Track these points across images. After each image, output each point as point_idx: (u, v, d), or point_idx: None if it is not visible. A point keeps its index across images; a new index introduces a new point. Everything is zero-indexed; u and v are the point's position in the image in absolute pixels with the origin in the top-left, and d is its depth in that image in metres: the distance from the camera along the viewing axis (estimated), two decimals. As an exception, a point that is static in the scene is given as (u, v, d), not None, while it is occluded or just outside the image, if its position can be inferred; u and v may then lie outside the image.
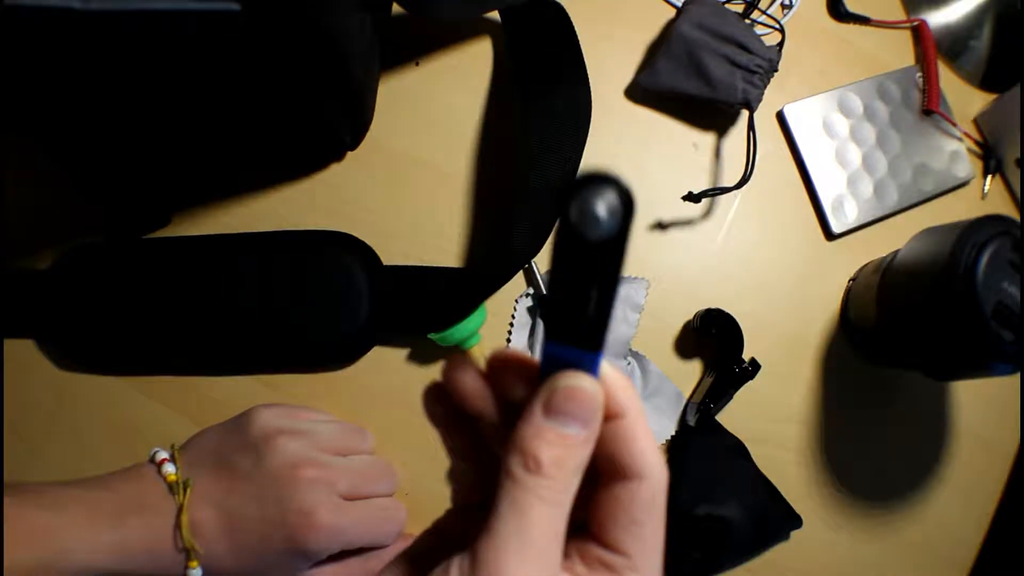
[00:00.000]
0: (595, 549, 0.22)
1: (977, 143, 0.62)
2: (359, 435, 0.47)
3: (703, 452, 0.50)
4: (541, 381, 0.22)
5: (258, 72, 0.37)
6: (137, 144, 0.46)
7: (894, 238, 0.57)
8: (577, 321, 0.20)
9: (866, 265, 0.56)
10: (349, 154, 0.53)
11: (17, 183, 0.50)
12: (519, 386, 0.23)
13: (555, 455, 0.21)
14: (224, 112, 0.42)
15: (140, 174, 0.50)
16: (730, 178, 0.56)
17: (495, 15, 0.54)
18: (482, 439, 0.25)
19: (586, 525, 0.22)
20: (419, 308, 0.50)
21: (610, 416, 0.22)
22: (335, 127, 0.47)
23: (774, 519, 0.50)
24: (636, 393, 0.23)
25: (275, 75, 0.38)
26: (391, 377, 0.51)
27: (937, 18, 0.63)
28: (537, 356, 0.22)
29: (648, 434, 0.22)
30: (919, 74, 0.61)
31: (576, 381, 0.21)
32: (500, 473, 0.21)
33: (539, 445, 0.21)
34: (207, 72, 0.36)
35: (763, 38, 0.54)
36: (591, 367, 0.22)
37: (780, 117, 0.58)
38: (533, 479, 0.20)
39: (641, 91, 0.56)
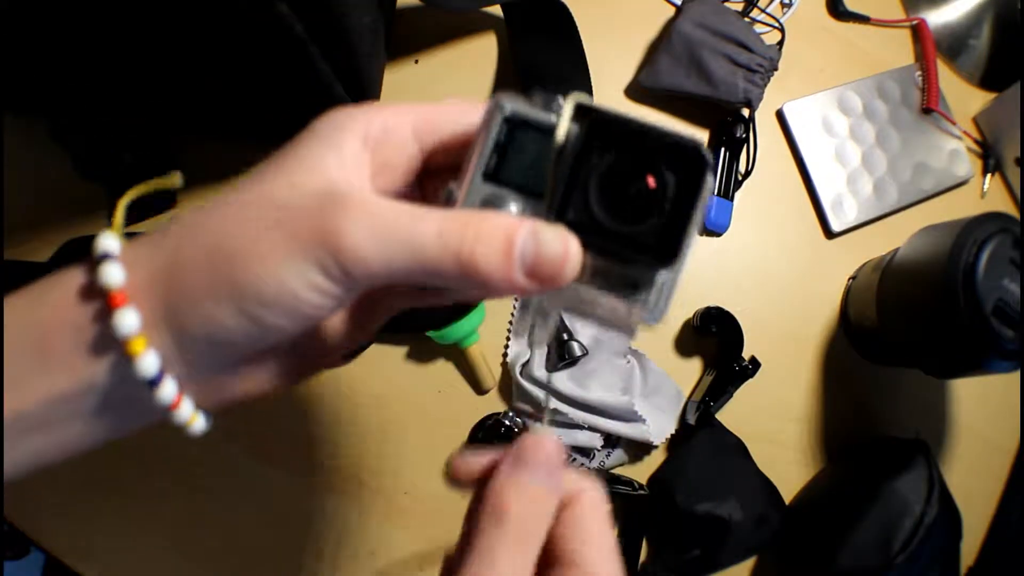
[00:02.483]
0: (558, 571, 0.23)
1: (976, 142, 0.62)
2: None
3: (703, 450, 0.50)
4: None
5: (260, 35, 0.36)
6: (142, 117, 0.46)
7: (894, 236, 0.57)
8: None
9: (866, 263, 0.56)
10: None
11: (17, 178, 0.50)
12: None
13: (522, 507, 0.22)
14: (227, 79, 0.42)
15: (146, 150, 0.49)
16: (730, 176, 0.56)
17: (497, 11, 0.54)
18: None
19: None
20: (418, 307, 0.50)
21: None
22: (339, 100, 0.46)
23: (773, 518, 0.50)
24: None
25: (276, 34, 0.37)
26: (390, 375, 0.51)
27: (936, 17, 0.63)
28: (537, 354, 0.24)
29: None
30: (918, 73, 0.62)
31: (540, 436, 0.23)
32: (471, 523, 0.22)
33: (508, 496, 0.22)
34: (204, 32, 0.36)
35: (762, 36, 0.54)
36: None
37: (780, 115, 0.58)
38: (499, 530, 0.21)
39: (641, 90, 0.56)
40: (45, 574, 0.75)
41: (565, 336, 0.49)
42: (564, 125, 0.21)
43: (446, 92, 0.54)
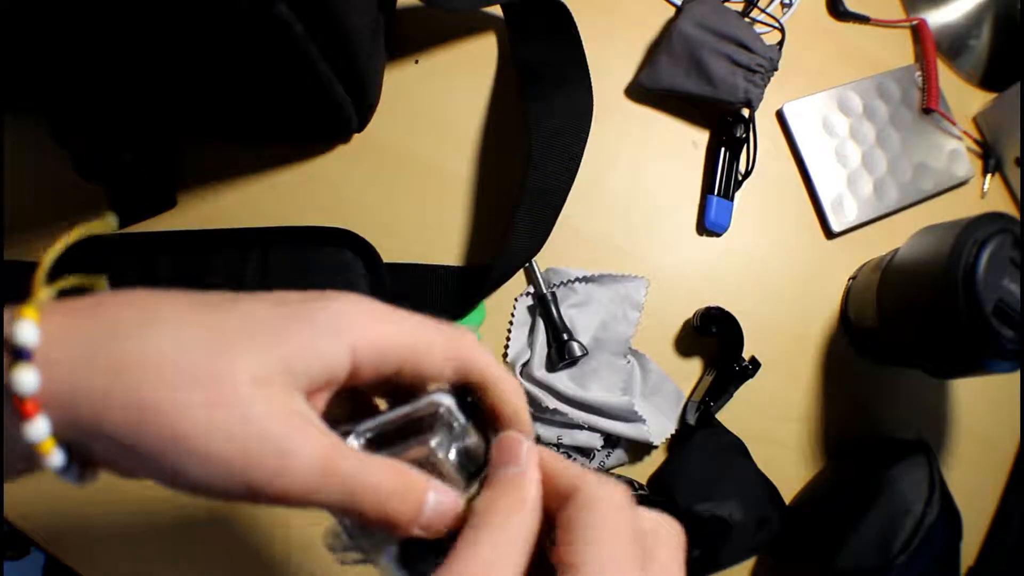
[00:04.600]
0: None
1: (976, 142, 0.62)
2: None
3: (703, 450, 0.50)
4: None
5: (260, 36, 0.36)
6: (142, 118, 0.46)
7: (894, 236, 0.57)
8: None
9: (866, 263, 0.56)
10: (350, 151, 0.53)
11: (17, 178, 0.50)
12: None
13: (494, 496, 0.22)
14: (227, 80, 0.42)
15: (146, 150, 0.49)
16: (730, 177, 0.56)
17: (497, 11, 0.54)
18: None
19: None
20: (418, 306, 0.50)
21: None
22: (339, 101, 0.46)
23: (773, 518, 0.50)
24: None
25: (277, 39, 0.37)
26: (391, 375, 0.51)
27: (936, 17, 0.63)
28: (537, 354, 0.25)
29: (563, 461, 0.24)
30: (918, 73, 0.62)
31: (508, 434, 0.24)
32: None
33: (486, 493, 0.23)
34: (207, 31, 0.36)
35: (762, 36, 0.54)
36: None
37: (780, 116, 0.58)
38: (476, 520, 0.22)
39: (641, 90, 0.56)
40: (45, 574, 0.75)
41: (565, 336, 0.49)
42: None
43: (446, 92, 0.54)
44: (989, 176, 0.61)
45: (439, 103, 0.54)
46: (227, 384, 0.19)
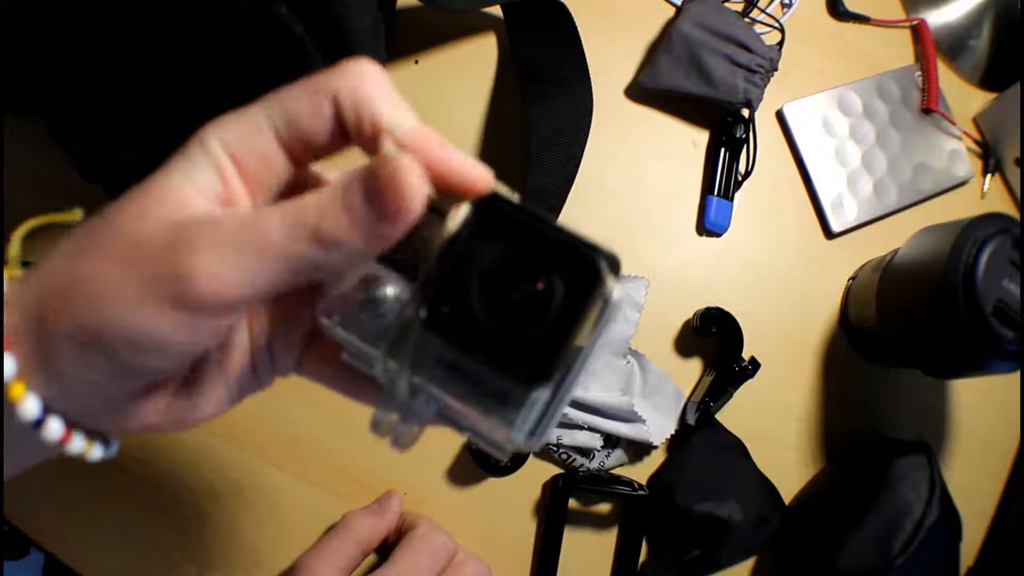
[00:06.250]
0: None
1: (976, 142, 0.62)
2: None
3: (703, 451, 0.50)
4: None
5: (260, 36, 0.37)
6: (142, 118, 0.46)
7: (894, 237, 0.57)
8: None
9: (866, 264, 0.56)
10: (349, 151, 0.53)
11: (17, 178, 0.50)
12: None
13: None
14: (226, 80, 0.42)
15: (146, 150, 0.49)
16: (730, 177, 0.56)
17: (497, 11, 0.54)
18: None
19: None
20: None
21: None
22: None
23: (773, 518, 0.50)
24: None
25: (276, 36, 0.37)
26: (391, 375, 0.51)
27: (936, 17, 0.63)
28: None
29: None
30: (918, 73, 0.62)
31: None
32: None
33: None
34: (203, 29, 0.36)
35: (762, 37, 0.54)
36: None
37: (780, 116, 0.58)
38: None
39: (641, 90, 0.56)
40: (45, 574, 0.75)
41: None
42: (459, 212, 0.19)
43: (446, 92, 0.54)
44: (989, 176, 0.61)
45: (439, 103, 0.54)
46: (120, 235, 0.20)
